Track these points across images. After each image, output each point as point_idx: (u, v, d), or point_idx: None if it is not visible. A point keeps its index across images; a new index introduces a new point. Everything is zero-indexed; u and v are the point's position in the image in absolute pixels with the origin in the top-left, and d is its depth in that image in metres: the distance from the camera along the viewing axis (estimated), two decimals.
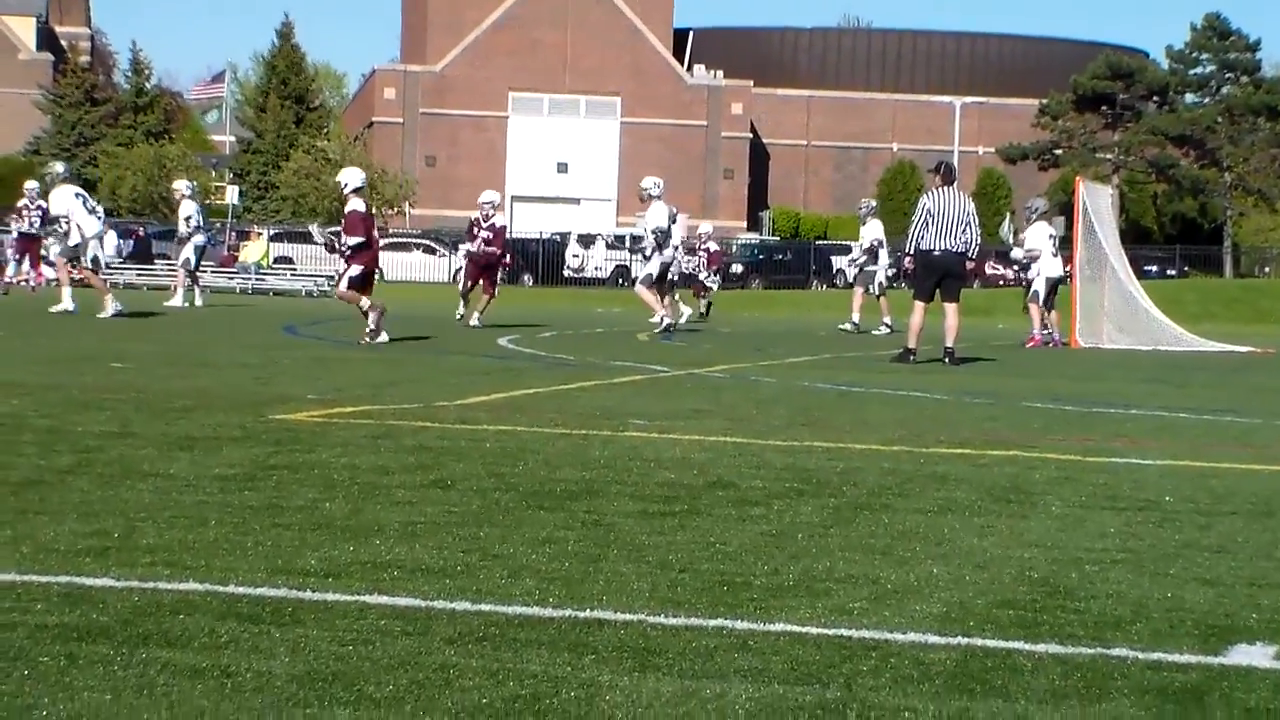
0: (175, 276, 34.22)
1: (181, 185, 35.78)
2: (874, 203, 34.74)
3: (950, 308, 20.99)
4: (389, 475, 7.90)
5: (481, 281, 28.52)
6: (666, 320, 27.00)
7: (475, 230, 28.43)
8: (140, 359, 16.23)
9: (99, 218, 25.83)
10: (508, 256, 31.74)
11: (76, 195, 25.81)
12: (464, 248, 29.66)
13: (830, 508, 7.37)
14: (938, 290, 20.86)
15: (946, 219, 20.66)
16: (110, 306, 25.08)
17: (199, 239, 34.28)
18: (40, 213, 37.95)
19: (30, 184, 40.24)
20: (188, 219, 34.04)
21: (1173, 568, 6.14)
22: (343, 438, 9.41)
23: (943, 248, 20.66)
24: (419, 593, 5.24)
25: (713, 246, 40.76)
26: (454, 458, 8.65)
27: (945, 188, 20.98)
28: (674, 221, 27.94)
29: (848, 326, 31.40)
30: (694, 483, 8.00)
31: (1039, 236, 29.03)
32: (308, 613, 4.92)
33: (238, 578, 5.37)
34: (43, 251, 38.24)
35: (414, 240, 74.62)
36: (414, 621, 4.87)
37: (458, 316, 28.51)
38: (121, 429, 9.48)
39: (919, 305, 21.02)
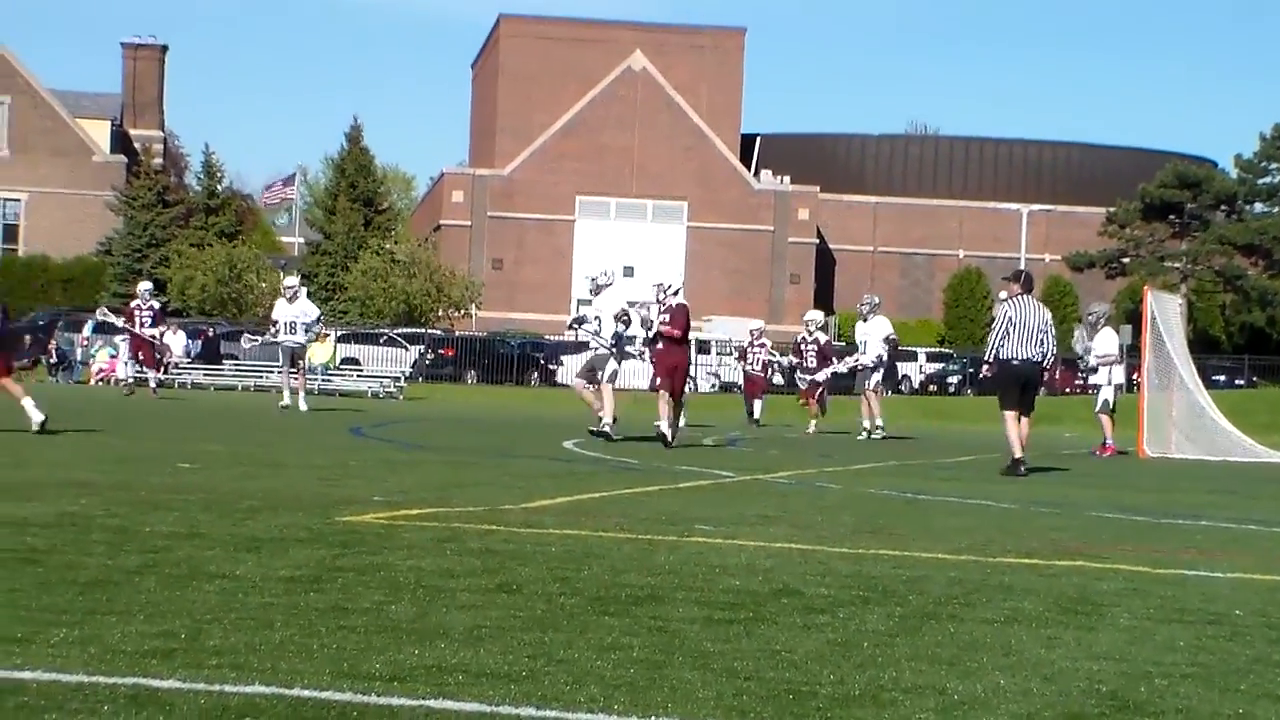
0: (298, 378, 33.76)
1: (294, 281, 35.50)
2: (878, 299, 33.94)
3: (1023, 419, 20.96)
4: (454, 578, 7.90)
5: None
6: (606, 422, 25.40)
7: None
8: (208, 459, 16.30)
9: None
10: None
11: None
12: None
13: (896, 617, 7.33)
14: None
15: (1026, 328, 20.65)
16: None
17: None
18: (152, 313, 38.59)
19: (144, 285, 40.88)
20: (318, 320, 34.38)
21: (1243, 683, 6.08)
22: (408, 540, 9.42)
23: (1023, 357, 20.63)
24: (484, 697, 5.23)
25: (821, 337, 36.65)
26: (519, 561, 8.64)
27: (1024, 296, 20.96)
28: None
29: (867, 433, 31.32)
30: (759, 589, 7.97)
31: (1109, 341, 28.92)
32: (373, 717, 4.92)
33: (303, 681, 5.37)
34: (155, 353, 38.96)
35: (380, 332, 74.51)
36: None
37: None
38: (189, 530, 9.51)
39: (1009, 414, 20.86)
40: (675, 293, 25.55)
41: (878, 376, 31.82)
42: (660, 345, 25.15)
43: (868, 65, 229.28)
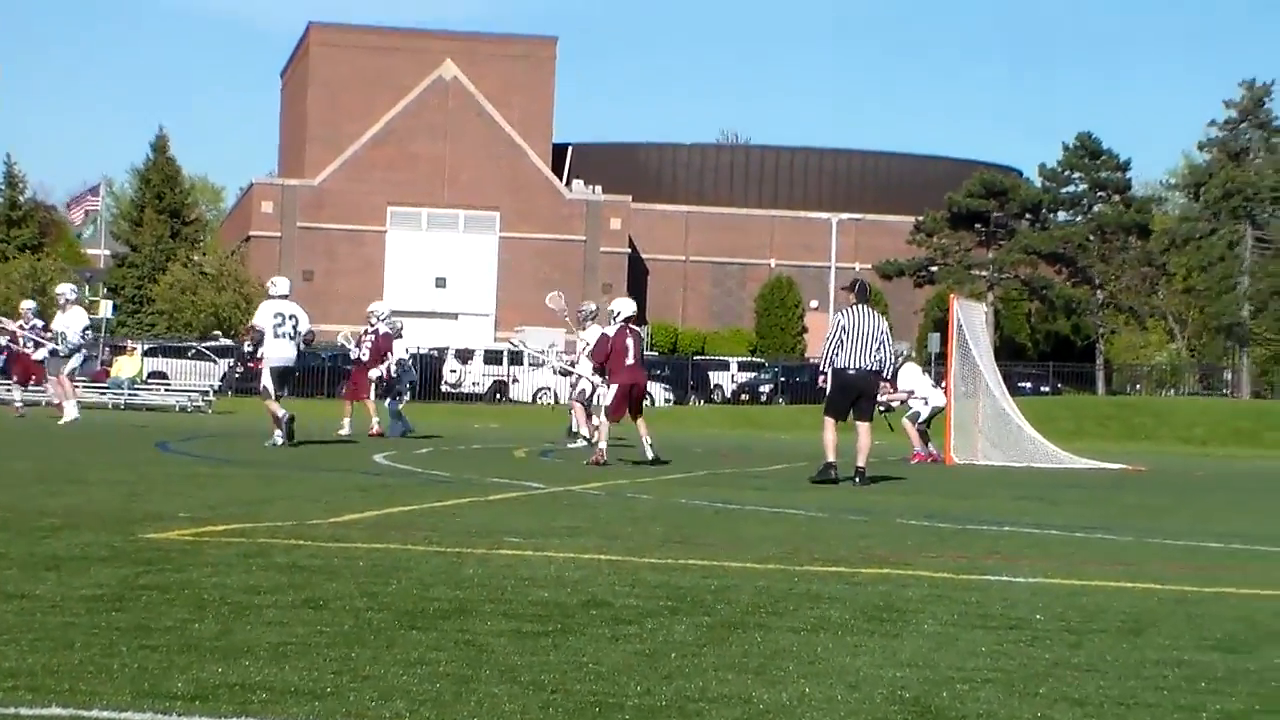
0: (61, 388, 32.86)
1: (67, 290, 35.01)
2: (594, 305, 32.29)
3: (863, 427, 21.07)
4: (260, 595, 7.82)
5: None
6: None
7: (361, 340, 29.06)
8: (8, 476, 16.02)
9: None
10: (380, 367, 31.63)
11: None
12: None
13: (704, 626, 7.36)
14: (851, 409, 20.90)
15: (861, 337, 20.62)
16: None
17: (82, 351, 33.87)
18: (35, 332, 37.83)
19: (27, 303, 40.13)
20: (86, 329, 33.79)
21: (1042, 687, 6.17)
22: (213, 556, 9.31)
23: (857, 366, 20.63)
24: (288, 715, 5.18)
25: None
26: (326, 577, 8.57)
27: (859, 305, 20.97)
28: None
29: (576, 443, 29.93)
30: (568, 601, 7.97)
31: (912, 377, 29.33)
32: None
33: (103, 701, 5.28)
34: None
35: (189, 345, 73.98)
36: None
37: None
38: None
39: (830, 421, 20.96)
40: (616, 317, 24.97)
41: (584, 388, 30.38)
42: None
43: (679, 75, 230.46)
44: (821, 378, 21.28)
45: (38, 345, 37.56)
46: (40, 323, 38.50)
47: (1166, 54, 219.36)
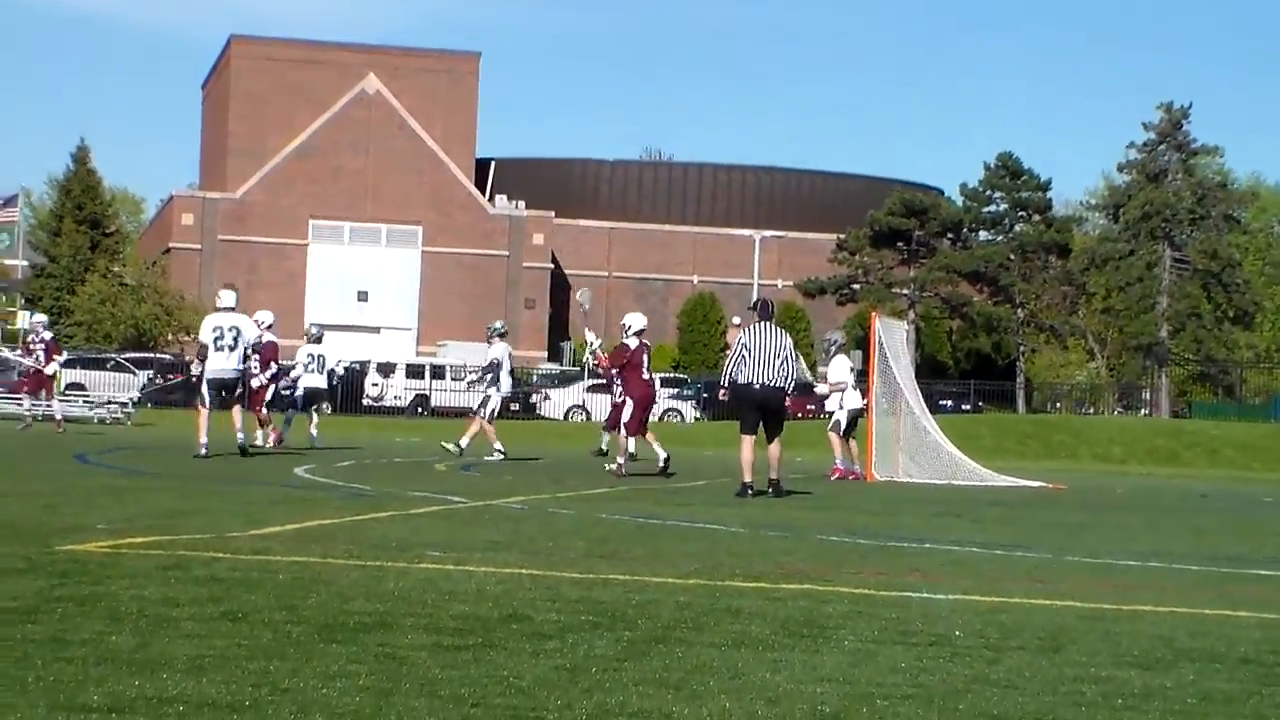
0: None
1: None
2: (501, 323, 31.60)
3: (772, 443, 21.68)
4: (178, 607, 7.77)
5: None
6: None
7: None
8: None
9: None
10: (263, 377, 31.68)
11: None
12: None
13: (625, 641, 7.35)
14: (761, 424, 21.37)
15: (764, 354, 21.11)
16: None
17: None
18: (44, 345, 38.07)
19: (39, 317, 40.47)
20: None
21: (961, 703, 6.19)
22: (132, 568, 9.25)
23: (761, 381, 21.06)
24: None
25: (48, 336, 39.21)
26: (245, 589, 8.52)
27: (762, 324, 21.45)
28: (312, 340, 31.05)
29: (453, 447, 30.01)
30: (488, 615, 7.95)
31: (840, 369, 29.35)
32: None
33: (17, 714, 5.24)
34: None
35: (108, 357, 73.52)
36: None
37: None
38: None
39: (746, 439, 21.49)
40: (629, 331, 26.71)
41: (495, 403, 30.24)
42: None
43: (602, 91, 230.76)
44: (722, 391, 21.94)
45: (48, 359, 37.80)
46: (50, 335, 38.75)
47: (1087, 75, 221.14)
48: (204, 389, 26.56)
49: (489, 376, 30.39)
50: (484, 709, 5.66)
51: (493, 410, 30.12)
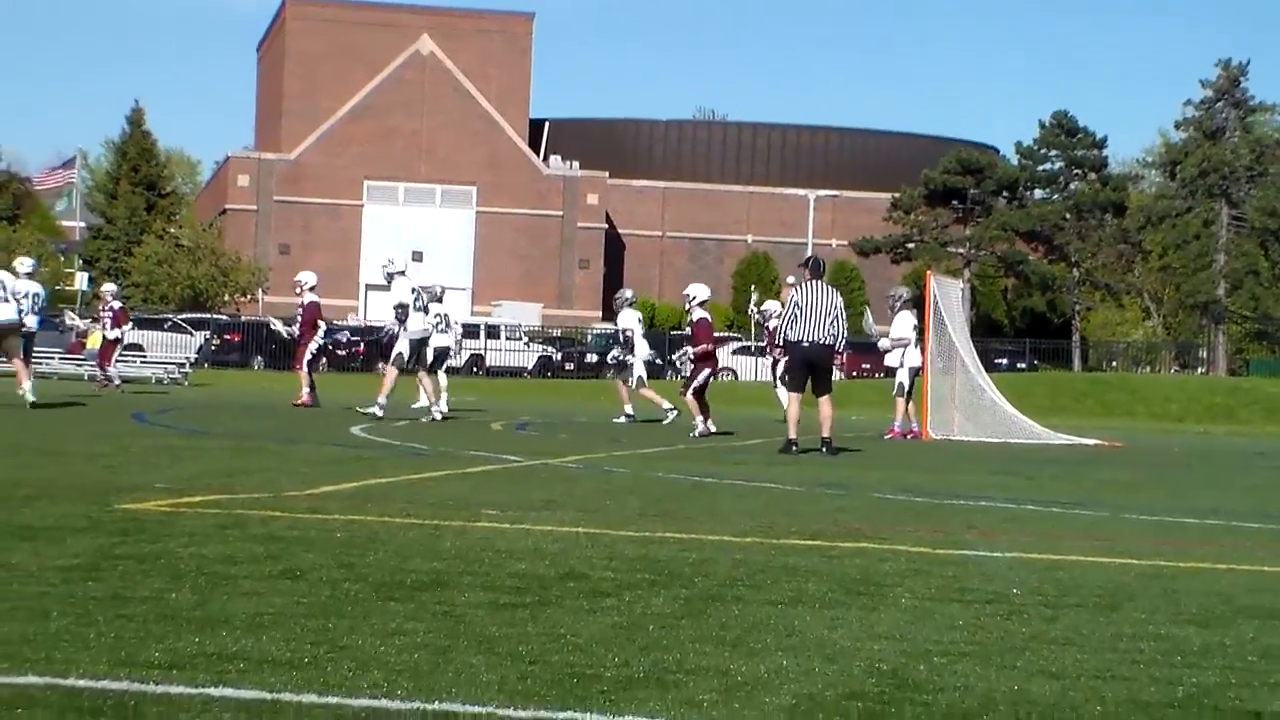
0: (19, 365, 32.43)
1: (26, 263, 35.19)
2: (630, 293, 32.12)
3: (823, 400, 21.90)
4: (236, 565, 7.80)
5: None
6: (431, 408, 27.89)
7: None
8: None
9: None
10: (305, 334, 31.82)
11: None
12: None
13: (681, 599, 7.35)
14: (809, 382, 21.49)
15: (815, 312, 21.25)
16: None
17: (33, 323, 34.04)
18: (111, 314, 38.47)
19: (108, 285, 41.01)
20: (36, 295, 33.83)
21: (1019, 660, 6.17)
22: (190, 527, 9.29)
23: (811, 339, 21.23)
24: (265, 685, 5.17)
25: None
26: (303, 548, 8.55)
27: (813, 282, 21.60)
28: (433, 299, 28.73)
29: (622, 420, 30.55)
30: (545, 574, 7.96)
31: (904, 325, 29.25)
32: (150, 706, 4.84)
33: (79, 670, 5.27)
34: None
35: (165, 318, 73.83)
36: (259, 715, 4.80)
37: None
38: None
39: (794, 396, 21.86)
40: (692, 301, 27.13)
41: (640, 369, 30.42)
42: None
43: (656, 51, 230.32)
44: (777, 350, 22.22)
45: (115, 325, 38.17)
46: (119, 304, 39.13)
47: (1144, 32, 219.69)
48: (404, 349, 27.09)
49: (624, 345, 30.66)
50: (542, 666, 5.67)
51: (640, 377, 30.37)
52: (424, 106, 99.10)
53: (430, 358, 28.77)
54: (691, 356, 26.62)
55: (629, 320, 30.60)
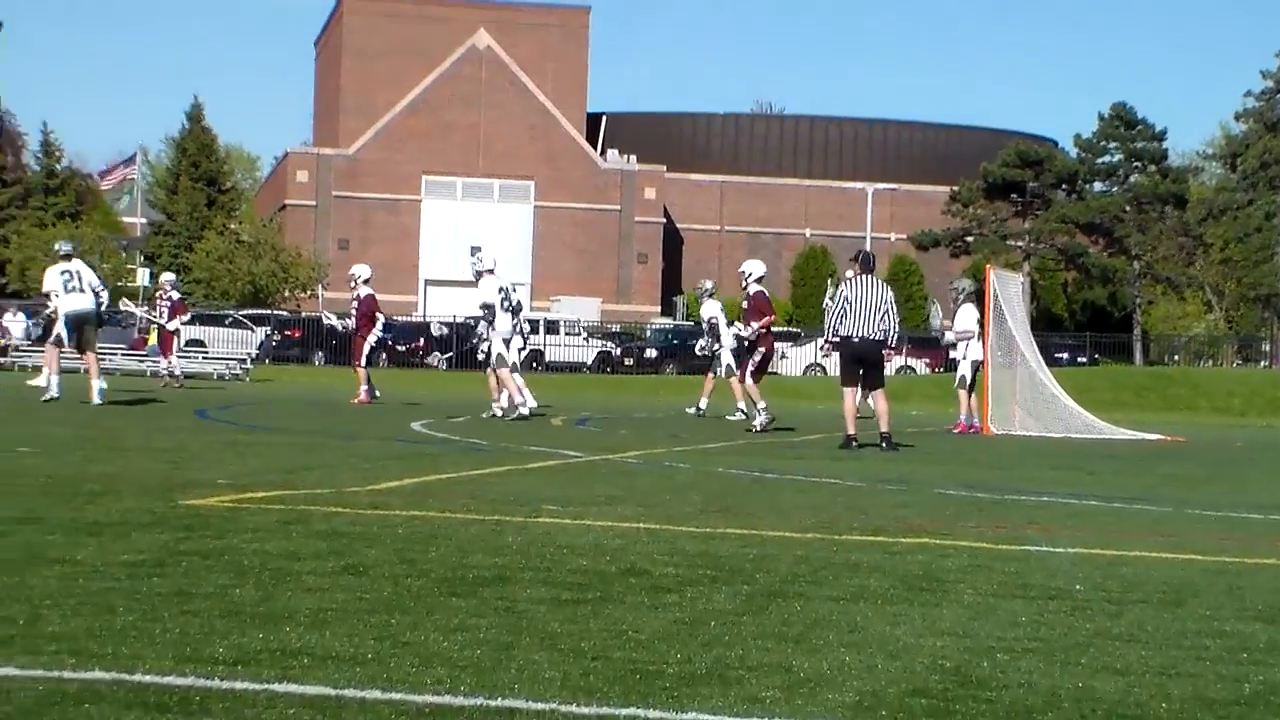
0: (45, 354, 32.26)
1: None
2: (711, 283, 32.58)
3: (876, 395, 21.94)
4: (300, 561, 7.84)
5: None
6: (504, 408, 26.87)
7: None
8: (49, 443, 16.07)
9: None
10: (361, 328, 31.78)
11: (62, 273, 25.43)
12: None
13: (743, 595, 7.35)
14: (861, 377, 21.53)
15: (865, 307, 21.21)
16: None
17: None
18: (169, 304, 38.85)
19: (167, 275, 41.58)
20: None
21: (1084, 657, 6.15)
22: (253, 523, 9.34)
23: (861, 334, 21.20)
24: (329, 681, 5.19)
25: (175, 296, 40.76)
26: (365, 544, 8.59)
27: (863, 276, 21.57)
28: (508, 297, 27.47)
29: (693, 411, 30.74)
30: (607, 570, 7.97)
31: (968, 318, 29.17)
32: (216, 701, 4.87)
33: (145, 666, 5.30)
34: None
35: (226, 314, 74.05)
36: (323, 710, 4.82)
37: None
38: (27, 514, 9.37)
39: (848, 391, 21.90)
40: (750, 278, 26.06)
41: (728, 358, 30.52)
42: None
43: (713, 44, 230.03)
44: (826, 346, 22.23)
45: (172, 316, 38.52)
46: (177, 295, 39.54)
47: (1204, 23, 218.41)
48: (501, 348, 26.72)
49: (712, 335, 30.60)
50: (604, 662, 5.68)
51: (729, 365, 30.12)
52: (481, 101, 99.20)
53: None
54: (753, 330, 25.61)
55: (713, 310, 30.72)
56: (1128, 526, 11.63)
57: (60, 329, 24.89)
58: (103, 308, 25.79)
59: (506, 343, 26.81)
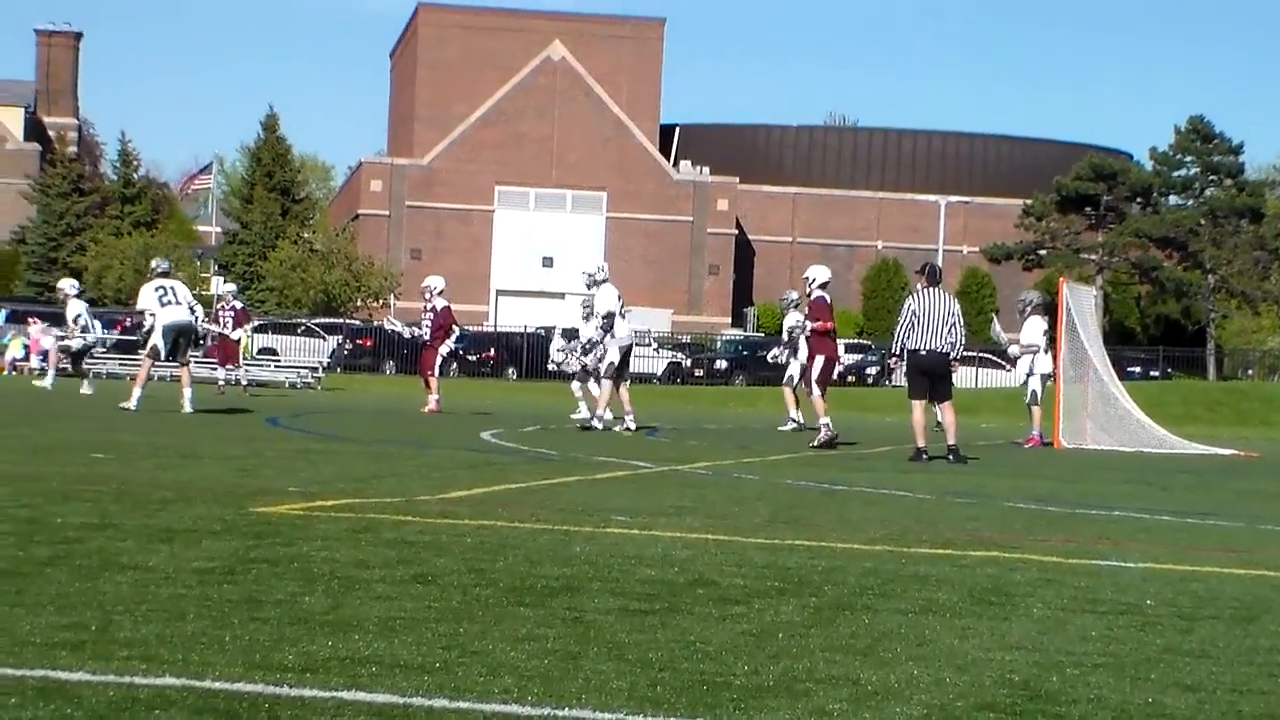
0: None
1: (66, 285, 36.08)
2: (795, 294, 31.09)
3: (944, 407, 21.93)
4: (369, 569, 7.86)
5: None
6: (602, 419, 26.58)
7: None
8: (123, 450, 16.18)
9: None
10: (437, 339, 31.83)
11: (158, 289, 25.73)
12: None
13: (811, 607, 7.34)
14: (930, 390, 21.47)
15: (931, 320, 21.16)
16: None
17: (89, 338, 35.36)
18: (233, 313, 39.41)
19: (228, 286, 42.13)
20: (76, 319, 34.85)
21: (1154, 672, 6.12)
22: (323, 531, 9.37)
23: (928, 348, 21.15)
24: (397, 689, 5.21)
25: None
26: (434, 552, 8.61)
27: (930, 289, 21.49)
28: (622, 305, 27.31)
29: (788, 427, 30.02)
30: (675, 580, 7.97)
31: (1034, 331, 29.04)
32: (284, 709, 4.89)
33: (215, 672, 5.33)
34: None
35: (299, 322, 74.40)
36: (391, 718, 4.84)
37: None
38: (101, 520, 9.44)
39: (916, 404, 21.73)
40: (813, 284, 25.58)
41: (794, 369, 30.19)
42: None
43: (786, 56, 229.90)
44: (893, 359, 22.22)
45: (236, 326, 39.01)
46: (240, 304, 40.06)
47: None
48: (614, 357, 26.82)
49: (789, 346, 30.02)
50: (671, 673, 5.67)
51: (790, 376, 29.84)
52: (555, 112, 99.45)
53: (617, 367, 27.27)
54: (809, 330, 25.24)
55: (796, 319, 30.00)
56: (1199, 542, 11.56)
57: (157, 340, 25.16)
58: (199, 322, 26.15)
59: (629, 350, 26.87)
